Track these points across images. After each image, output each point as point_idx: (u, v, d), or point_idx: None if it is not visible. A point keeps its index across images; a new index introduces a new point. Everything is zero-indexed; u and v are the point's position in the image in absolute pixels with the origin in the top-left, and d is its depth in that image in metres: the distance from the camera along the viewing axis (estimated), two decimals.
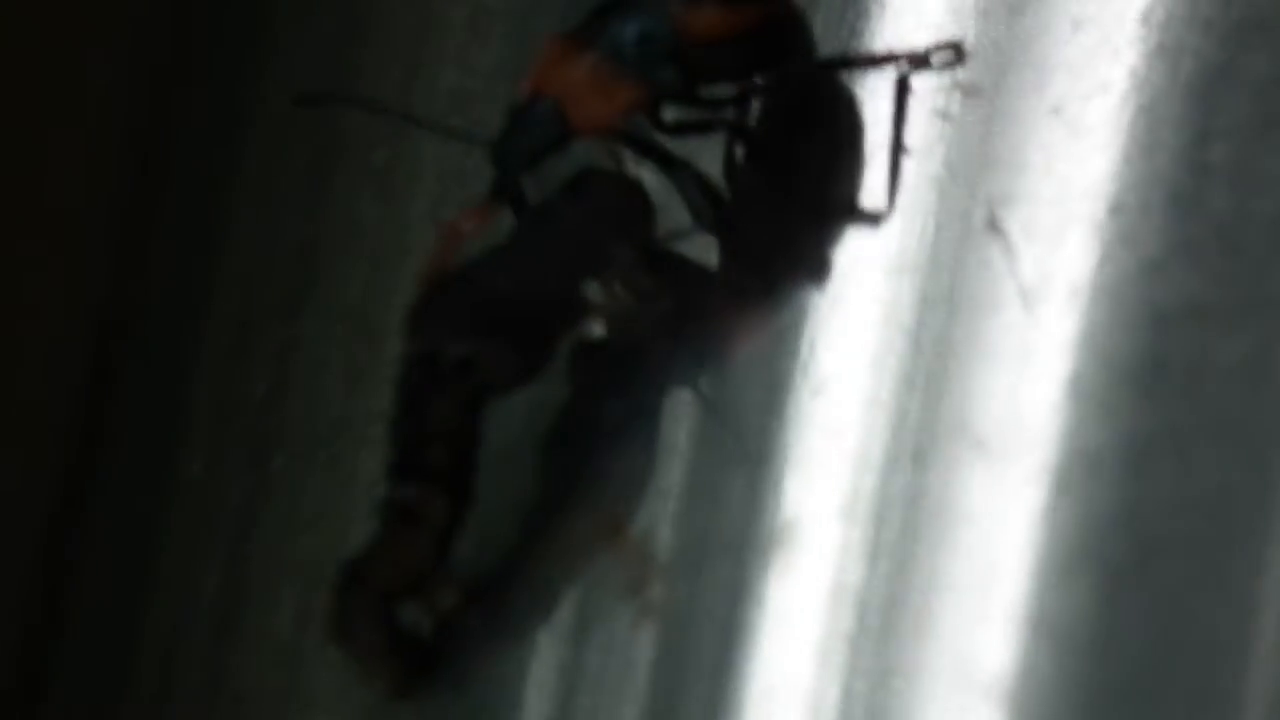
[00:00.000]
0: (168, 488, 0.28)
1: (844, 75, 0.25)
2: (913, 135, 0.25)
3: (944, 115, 0.25)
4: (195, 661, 0.27)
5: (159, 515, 0.28)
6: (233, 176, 0.30)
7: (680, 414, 0.25)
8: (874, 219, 0.25)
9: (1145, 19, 0.25)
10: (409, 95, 0.28)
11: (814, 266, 0.25)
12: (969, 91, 0.25)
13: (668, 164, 0.25)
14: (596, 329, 0.25)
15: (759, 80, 0.25)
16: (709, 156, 0.26)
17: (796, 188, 0.26)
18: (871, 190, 0.25)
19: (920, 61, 0.25)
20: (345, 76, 0.29)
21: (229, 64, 0.31)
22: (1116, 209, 0.24)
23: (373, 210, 0.28)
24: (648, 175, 0.26)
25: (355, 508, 0.25)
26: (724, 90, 0.25)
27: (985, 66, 0.25)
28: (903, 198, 0.25)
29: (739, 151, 0.26)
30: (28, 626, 0.30)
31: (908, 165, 0.25)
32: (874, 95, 0.26)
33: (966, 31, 0.25)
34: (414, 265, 0.27)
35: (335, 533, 0.26)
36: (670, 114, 0.25)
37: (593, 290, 0.25)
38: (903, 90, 0.25)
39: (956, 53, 0.25)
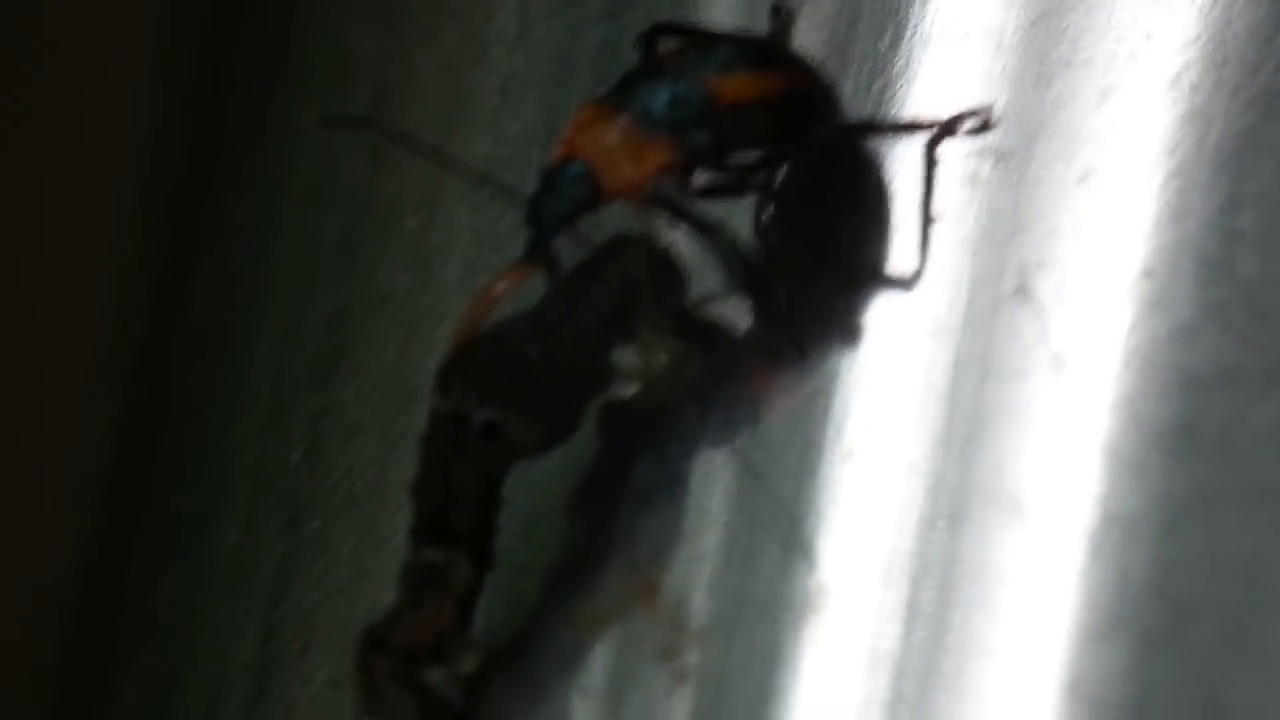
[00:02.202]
0: (205, 553, 0.29)
1: (872, 140, 0.26)
2: (943, 201, 0.25)
3: (974, 181, 0.25)
4: None
5: (196, 580, 0.28)
6: (267, 244, 0.30)
7: (713, 478, 0.25)
8: (904, 283, 0.25)
9: (1173, 86, 0.25)
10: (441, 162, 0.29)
11: (846, 330, 0.25)
12: (999, 157, 0.25)
13: (700, 228, 0.25)
14: (628, 390, 0.25)
15: (788, 145, 0.25)
16: (738, 221, 0.26)
17: (827, 252, 0.26)
18: (902, 255, 0.25)
19: (949, 128, 0.26)
20: (378, 144, 0.29)
21: (263, 134, 0.31)
22: (1146, 274, 0.24)
23: (406, 276, 0.28)
24: (680, 239, 0.26)
25: (389, 572, 0.25)
26: (753, 155, 0.26)
27: (1014, 133, 0.25)
28: (934, 262, 0.25)
29: (769, 215, 0.26)
30: (65, 693, 0.30)
31: (938, 230, 0.25)
32: (903, 161, 0.26)
33: (995, 98, 0.26)
34: (447, 331, 0.27)
35: (370, 597, 0.26)
36: (700, 179, 0.26)
37: (625, 354, 0.25)
38: (931, 156, 0.26)
39: (985, 119, 0.26)
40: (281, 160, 0.31)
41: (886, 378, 0.25)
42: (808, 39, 0.27)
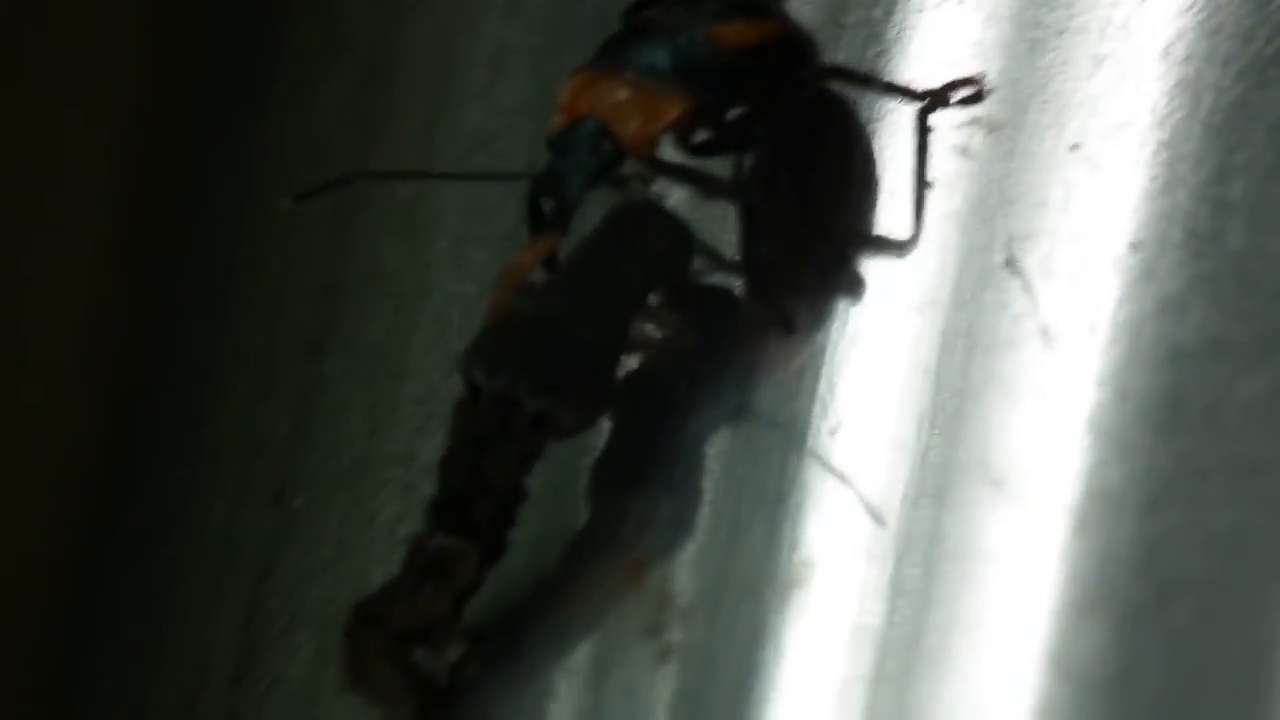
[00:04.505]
0: (190, 529, 0.28)
1: (863, 89, 0.25)
2: (933, 171, 0.25)
3: (964, 152, 0.25)
4: (214, 703, 0.27)
5: (180, 556, 0.28)
6: (255, 215, 0.30)
7: (699, 454, 0.25)
8: (895, 253, 0.25)
9: (1165, 55, 0.24)
10: (432, 134, 0.28)
11: (833, 304, 0.25)
12: (989, 128, 0.25)
13: (710, 187, 0.25)
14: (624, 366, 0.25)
15: (786, 89, 0.25)
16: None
17: (816, 221, 0.26)
18: (893, 225, 0.25)
19: (940, 98, 0.25)
20: (368, 116, 0.29)
21: (253, 104, 0.31)
22: (1135, 245, 0.24)
23: (396, 249, 0.28)
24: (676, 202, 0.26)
25: (376, 549, 0.25)
26: (743, 109, 0.25)
27: (1005, 103, 0.25)
28: (922, 235, 0.25)
29: (756, 180, 0.26)
30: (50, 667, 0.30)
31: (928, 201, 0.25)
32: (895, 132, 0.26)
33: (987, 68, 0.25)
34: (437, 305, 0.27)
35: (355, 575, 0.26)
36: (697, 137, 0.25)
37: (638, 329, 0.25)
38: (923, 126, 0.25)
39: (977, 89, 0.25)
40: (271, 132, 0.30)
41: (873, 352, 0.25)
42: (802, 7, 0.26)
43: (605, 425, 0.25)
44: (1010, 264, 0.24)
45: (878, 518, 0.24)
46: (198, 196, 0.31)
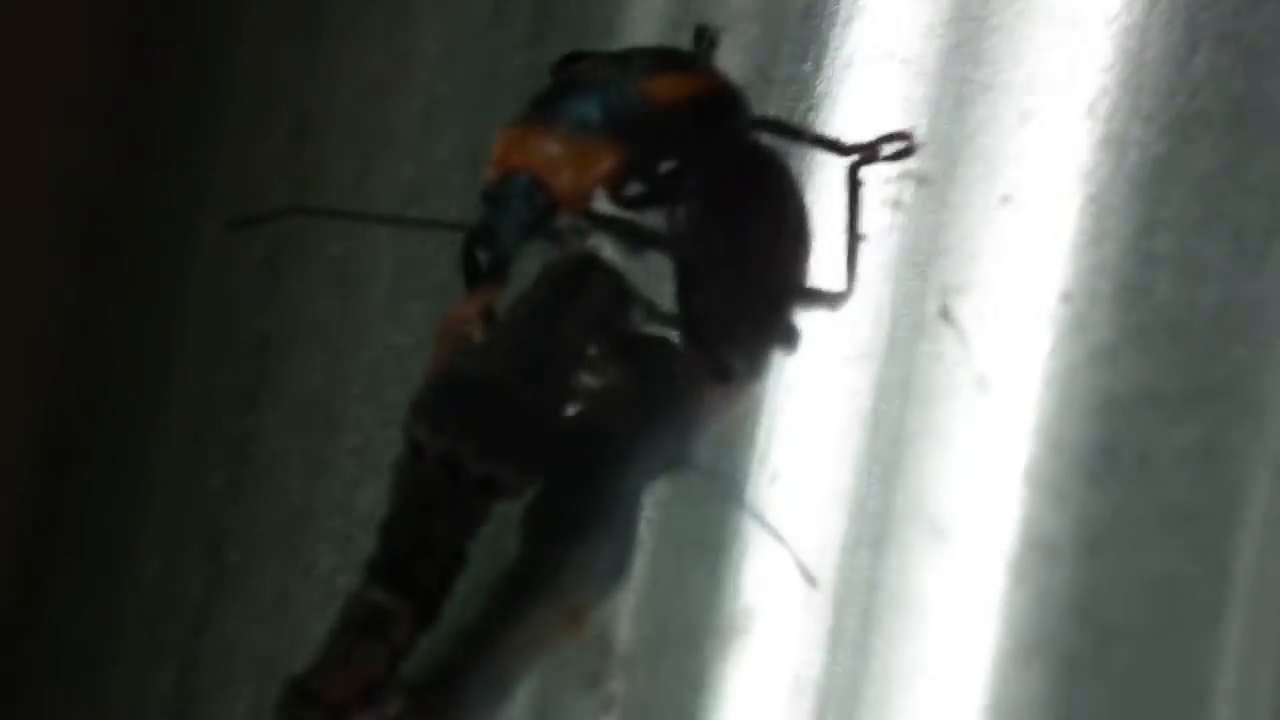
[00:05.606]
0: (124, 584, 0.28)
1: (794, 141, 0.26)
2: (865, 224, 0.26)
3: (896, 205, 0.26)
4: None
5: (114, 610, 0.28)
6: (188, 268, 0.30)
7: (638, 503, 0.25)
8: (829, 305, 0.25)
9: (1091, 111, 0.25)
10: (364, 187, 0.29)
11: (771, 354, 0.25)
12: (920, 181, 0.26)
13: (643, 241, 0.25)
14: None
15: (715, 143, 0.25)
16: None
17: (750, 273, 0.26)
18: (827, 278, 0.26)
19: (871, 151, 0.26)
20: (301, 169, 0.29)
21: (185, 156, 0.31)
22: (1066, 297, 0.24)
23: (330, 301, 0.28)
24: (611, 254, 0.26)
25: (314, 601, 0.25)
26: (672, 162, 0.25)
27: (935, 157, 0.26)
28: (856, 286, 0.25)
29: (691, 232, 0.26)
30: None
31: (861, 253, 0.25)
32: (826, 185, 0.26)
33: (916, 123, 0.26)
34: (371, 357, 0.27)
35: (293, 627, 0.25)
36: (628, 190, 0.25)
37: (578, 379, 0.25)
38: (854, 179, 0.26)
39: (907, 143, 0.26)
40: (203, 186, 0.30)
41: (810, 402, 0.25)
42: (731, 62, 0.27)
43: (547, 477, 0.25)
44: (944, 314, 0.25)
45: (816, 566, 0.24)
46: (128, 249, 0.31)
